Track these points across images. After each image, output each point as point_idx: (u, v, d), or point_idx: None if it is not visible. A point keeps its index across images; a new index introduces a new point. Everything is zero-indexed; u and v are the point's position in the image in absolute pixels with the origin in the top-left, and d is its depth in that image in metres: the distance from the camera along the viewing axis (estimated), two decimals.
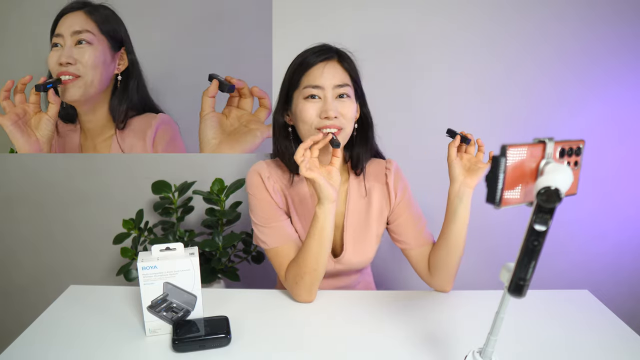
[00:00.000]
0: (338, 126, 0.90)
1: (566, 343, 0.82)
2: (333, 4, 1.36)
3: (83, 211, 1.58)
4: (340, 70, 0.93)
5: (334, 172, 0.88)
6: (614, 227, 1.60)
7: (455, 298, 0.97)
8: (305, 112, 0.90)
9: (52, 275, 1.66)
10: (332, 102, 0.90)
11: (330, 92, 0.90)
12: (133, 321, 0.86)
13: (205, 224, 1.43)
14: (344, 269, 1.05)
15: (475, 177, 0.89)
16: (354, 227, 1.03)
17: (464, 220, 0.91)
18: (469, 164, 0.91)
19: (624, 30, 1.40)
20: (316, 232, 0.88)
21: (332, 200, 0.87)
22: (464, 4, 1.37)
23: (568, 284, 1.65)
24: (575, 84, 1.45)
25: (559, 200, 0.46)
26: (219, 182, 1.37)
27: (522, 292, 0.49)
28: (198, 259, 0.80)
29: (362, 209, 1.03)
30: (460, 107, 1.46)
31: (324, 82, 0.90)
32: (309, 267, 0.90)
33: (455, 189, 0.90)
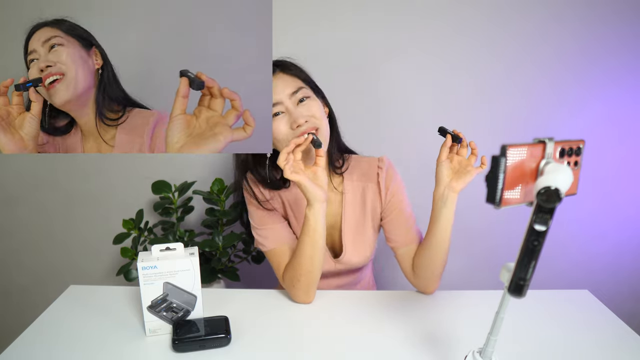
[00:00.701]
0: (312, 127, 0.90)
1: (566, 343, 0.82)
2: (333, 5, 1.36)
3: (83, 211, 1.58)
4: (289, 78, 0.94)
5: (320, 172, 0.88)
6: (614, 227, 1.60)
7: (455, 298, 0.97)
8: (276, 130, 0.91)
9: (52, 275, 1.66)
10: (295, 110, 0.90)
11: (289, 101, 0.91)
12: (133, 321, 0.86)
13: (205, 224, 1.43)
14: (344, 269, 1.06)
15: (462, 180, 0.87)
16: (351, 228, 1.03)
17: (447, 224, 0.90)
18: (458, 166, 0.90)
19: (623, 30, 1.40)
20: (308, 234, 0.89)
21: (321, 200, 0.87)
22: (463, 5, 1.37)
23: (568, 284, 1.65)
24: (574, 84, 1.45)
25: (559, 200, 0.46)
26: (219, 182, 1.37)
27: (522, 292, 0.49)
28: (198, 259, 0.80)
29: (358, 208, 1.04)
30: (460, 108, 1.46)
31: (279, 96, 0.91)
32: (304, 269, 0.91)
33: (439, 191, 0.89)
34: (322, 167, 0.88)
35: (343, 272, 1.08)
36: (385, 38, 1.39)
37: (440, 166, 0.90)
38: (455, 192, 0.88)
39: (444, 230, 0.90)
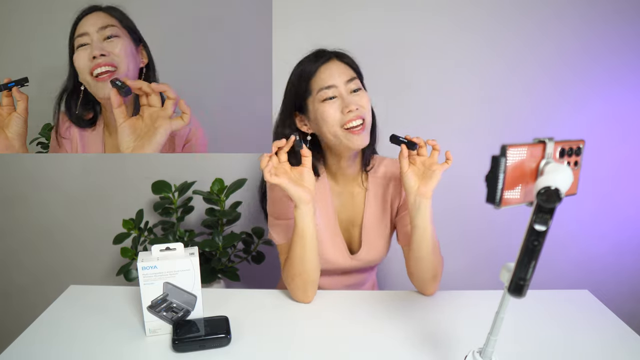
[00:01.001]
0: (361, 116, 0.91)
1: (566, 343, 0.82)
2: (333, 5, 1.36)
3: (83, 211, 1.58)
4: (344, 67, 0.95)
5: (306, 173, 0.88)
6: (614, 227, 1.60)
7: (455, 298, 0.97)
8: (326, 113, 0.91)
9: (52, 275, 1.66)
10: (348, 96, 0.92)
11: (344, 88, 0.92)
12: (133, 321, 0.86)
13: (205, 224, 1.43)
14: (358, 266, 1.06)
15: (430, 183, 0.87)
16: (371, 225, 1.04)
17: (424, 231, 0.90)
18: (422, 168, 0.90)
19: (624, 29, 1.40)
20: (297, 235, 0.89)
21: (307, 202, 0.87)
22: (464, 4, 1.37)
23: (568, 284, 1.65)
24: (575, 83, 1.45)
25: (559, 200, 0.46)
26: (219, 182, 1.37)
27: (522, 292, 0.49)
28: (198, 259, 0.80)
29: (379, 206, 1.05)
30: (461, 106, 1.46)
31: (335, 81, 0.92)
32: (296, 270, 0.91)
33: (411, 200, 0.90)
34: (308, 167, 0.88)
35: (354, 271, 1.08)
36: (385, 36, 1.39)
37: (404, 177, 0.90)
38: (426, 198, 0.88)
39: (421, 238, 0.90)
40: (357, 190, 1.05)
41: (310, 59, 0.96)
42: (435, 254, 0.94)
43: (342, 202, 1.05)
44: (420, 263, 0.93)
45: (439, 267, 0.96)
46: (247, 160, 1.50)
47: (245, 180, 1.38)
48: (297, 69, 0.98)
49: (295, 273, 0.92)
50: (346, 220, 1.05)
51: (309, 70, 0.94)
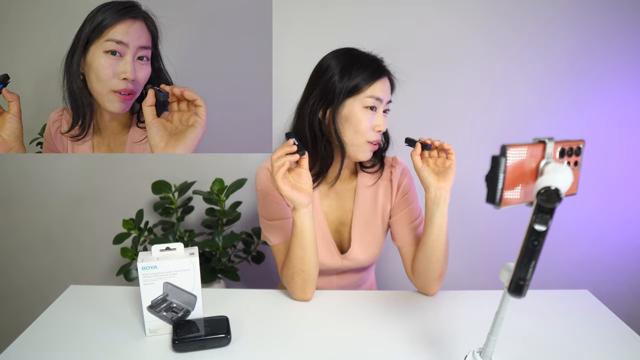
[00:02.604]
0: (378, 140, 0.95)
1: (566, 343, 0.82)
2: (333, 4, 1.36)
3: (83, 211, 1.58)
4: (389, 87, 0.95)
5: (304, 174, 0.88)
6: (614, 227, 1.60)
7: (456, 298, 0.97)
8: (362, 122, 0.91)
9: (52, 275, 1.66)
10: (381, 116, 0.93)
11: (383, 106, 0.93)
12: (133, 321, 0.86)
13: (205, 224, 1.43)
14: (350, 266, 1.06)
15: (447, 178, 0.89)
16: (361, 224, 1.04)
17: (440, 226, 0.91)
18: (436, 167, 0.92)
19: (626, 29, 1.40)
20: (296, 236, 0.90)
21: (306, 205, 0.87)
22: (465, 3, 1.37)
23: (568, 284, 1.65)
24: (577, 83, 1.45)
25: (559, 200, 0.46)
26: (219, 182, 1.37)
27: (522, 292, 0.49)
28: (198, 259, 0.80)
29: (369, 205, 1.04)
30: (461, 106, 1.46)
31: (382, 95, 0.92)
32: (296, 268, 0.91)
33: (431, 195, 0.90)
34: (306, 169, 0.88)
35: (347, 272, 1.08)
36: (385, 36, 1.39)
37: (422, 172, 0.91)
38: (446, 192, 0.89)
39: (438, 232, 0.91)
40: (346, 190, 1.05)
41: (367, 63, 0.92)
42: (446, 252, 0.94)
43: (331, 202, 1.04)
44: (430, 261, 0.93)
45: (445, 266, 0.96)
46: (247, 160, 1.50)
47: (245, 180, 1.38)
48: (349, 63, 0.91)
49: (294, 272, 0.92)
50: (336, 221, 1.05)
51: (373, 74, 0.91)
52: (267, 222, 1.00)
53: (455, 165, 0.90)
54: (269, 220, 1.00)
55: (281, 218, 0.99)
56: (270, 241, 1.00)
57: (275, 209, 0.99)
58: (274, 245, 1.00)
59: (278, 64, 1.41)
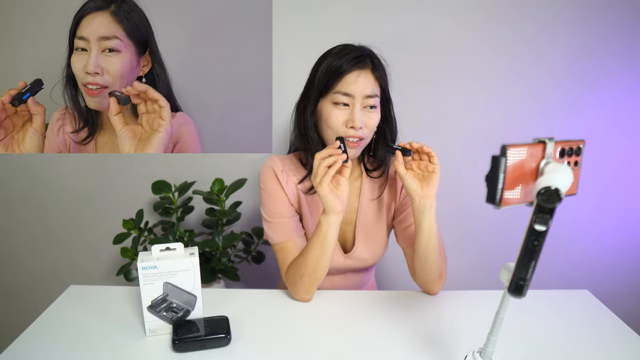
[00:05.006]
0: (360, 136, 0.89)
1: (566, 343, 0.82)
2: (333, 4, 1.36)
3: (83, 211, 1.58)
4: (372, 80, 0.90)
5: (343, 182, 0.87)
6: (614, 227, 1.60)
7: (456, 298, 0.97)
8: (332, 118, 0.89)
9: (52, 275, 1.66)
10: (358, 113, 0.88)
11: (360, 102, 0.89)
12: (133, 321, 0.86)
13: (205, 224, 1.43)
14: (353, 266, 1.06)
15: (431, 184, 0.88)
16: (366, 224, 1.04)
17: (430, 232, 0.90)
18: (420, 172, 0.90)
19: (624, 31, 1.40)
20: (319, 239, 0.89)
21: (337, 212, 0.86)
22: (466, 5, 1.37)
23: (568, 284, 1.65)
24: (575, 84, 1.45)
25: (559, 200, 0.46)
26: (219, 182, 1.37)
27: (522, 292, 0.49)
28: (198, 259, 0.80)
29: (375, 205, 1.04)
30: (461, 108, 1.46)
31: (355, 91, 0.88)
32: (309, 269, 0.91)
33: (416, 204, 0.90)
34: (346, 177, 0.86)
35: (350, 272, 1.08)
36: (385, 37, 1.39)
37: (406, 180, 0.90)
38: (430, 199, 0.88)
39: (428, 237, 0.91)
40: (351, 189, 1.04)
41: (350, 58, 0.89)
42: (441, 253, 0.94)
43: None
44: (426, 264, 0.93)
45: (443, 266, 0.96)
46: (247, 160, 1.50)
47: (245, 180, 1.38)
48: (334, 61, 0.90)
49: (305, 272, 0.91)
50: (341, 221, 1.05)
51: (343, 69, 0.88)
52: (269, 221, 1.00)
53: (438, 170, 0.88)
54: (271, 218, 0.99)
55: (284, 217, 0.99)
56: (272, 239, 1.00)
57: (278, 207, 0.99)
58: (275, 243, 0.99)
59: (278, 64, 1.41)
